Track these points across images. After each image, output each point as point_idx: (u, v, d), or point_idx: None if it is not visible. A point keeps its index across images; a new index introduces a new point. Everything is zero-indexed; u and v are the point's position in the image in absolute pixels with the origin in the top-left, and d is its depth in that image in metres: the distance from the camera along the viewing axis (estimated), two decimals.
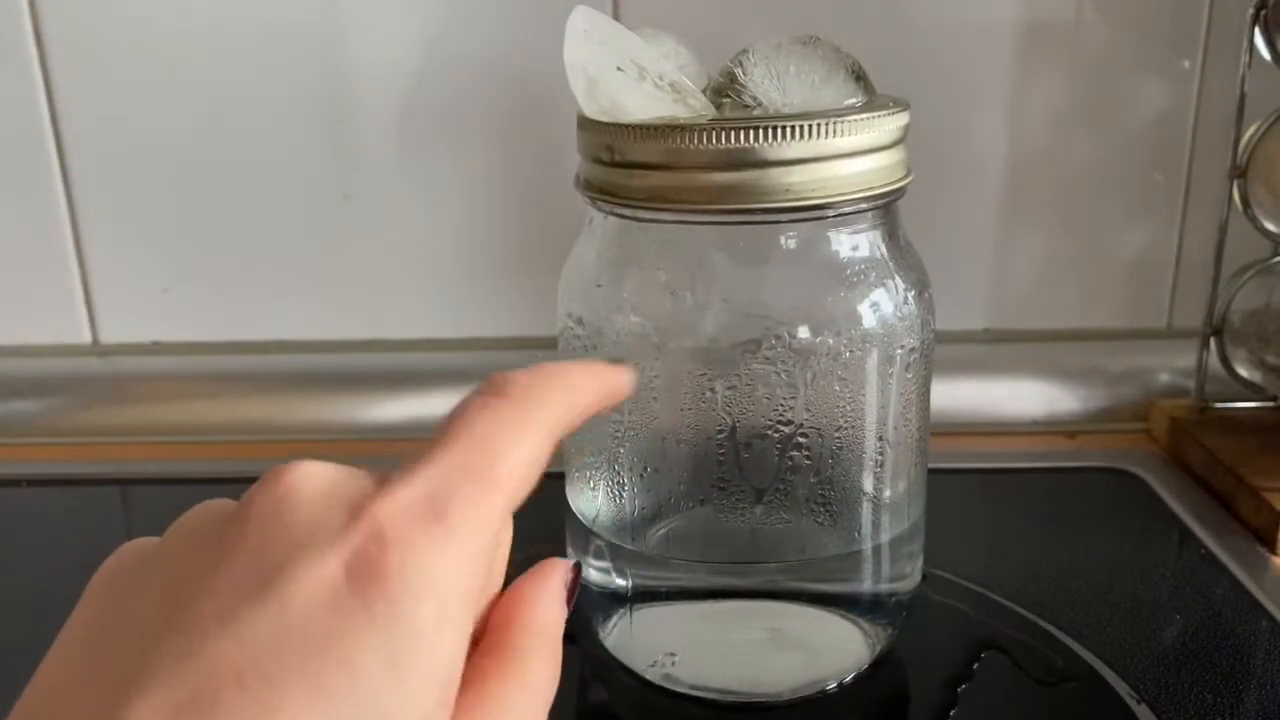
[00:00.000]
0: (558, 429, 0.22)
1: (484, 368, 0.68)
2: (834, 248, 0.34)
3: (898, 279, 0.35)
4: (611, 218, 0.35)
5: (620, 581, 0.37)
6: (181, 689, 0.17)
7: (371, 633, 0.18)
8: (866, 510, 0.37)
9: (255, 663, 0.18)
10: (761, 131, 0.31)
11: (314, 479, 0.20)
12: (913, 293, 0.35)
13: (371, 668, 0.18)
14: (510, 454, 0.21)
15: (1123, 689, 0.38)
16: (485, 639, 0.21)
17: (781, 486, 0.36)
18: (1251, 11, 0.50)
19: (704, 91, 0.33)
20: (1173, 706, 0.37)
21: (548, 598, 0.23)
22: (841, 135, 0.32)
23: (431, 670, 0.19)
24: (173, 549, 0.21)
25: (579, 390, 0.24)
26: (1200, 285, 0.55)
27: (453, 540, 0.19)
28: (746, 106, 0.33)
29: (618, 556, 0.37)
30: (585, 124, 0.34)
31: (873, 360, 0.34)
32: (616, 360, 0.27)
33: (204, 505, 0.22)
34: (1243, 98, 0.51)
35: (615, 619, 0.38)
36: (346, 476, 0.21)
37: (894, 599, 0.38)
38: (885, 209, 0.35)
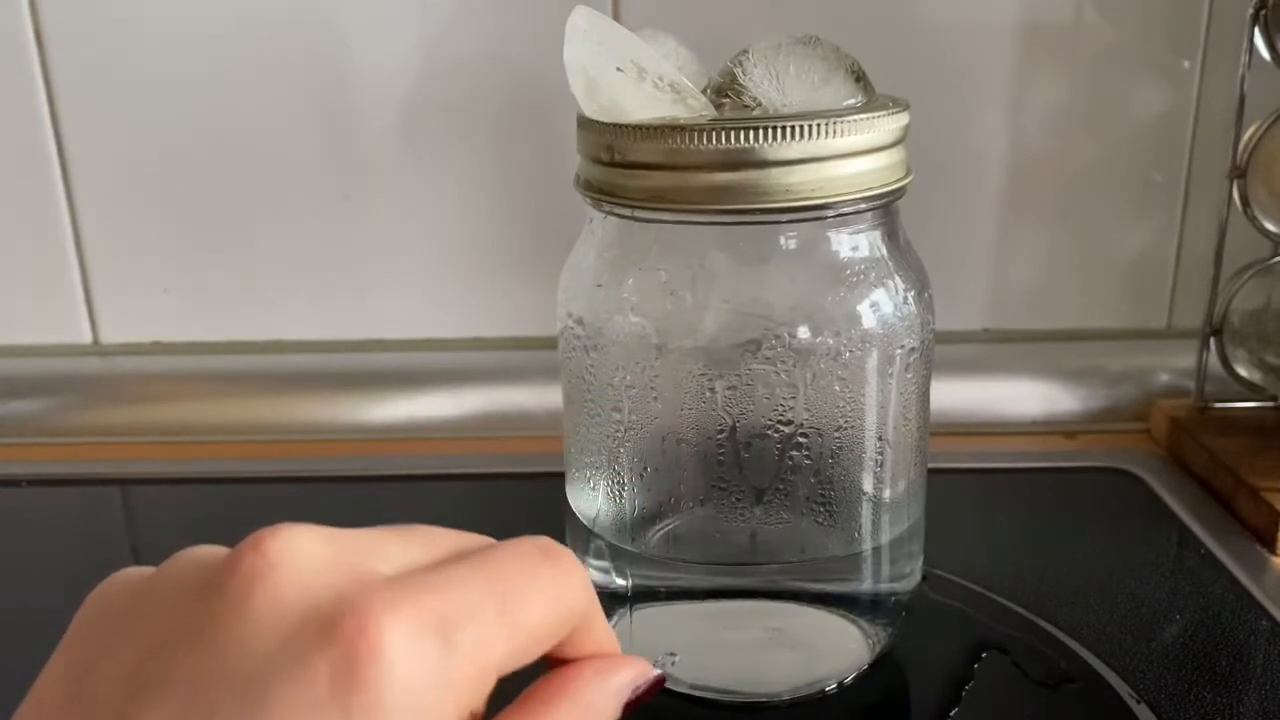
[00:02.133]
0: (586, 611, 0.22)
1: (484, 368, 0.68)
2: (834, 248, 0.34)
3: (897, 279, 0.35)
4: (611, 218, 0.35)
5: (620, 581, 0.37)
6: None
7: None
8: (866, 510, 0.37)
9: None
10: (761, 131, 0.31)
11: (303, 556, 0.19)
12: (912, 293, 0.35)
13: None
14: (533, 609, 0.20)
15: (1123, 689, 0.38)
16: (520, 707, 0.21)
17: (781, 486, 0.36)
18: (1251, 11, 0.50)
19: (704, 91, 0.33)
20: (1173, 706, 0.37)
21: (609, 689, 0.22)
22: (841, 135, 0.32)
23: None
24: (159, 599, 0.20)
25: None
26: (1200, 285, 0.55)
27: (450, 664, 0.18)
28: (746, 107, 0.33)
29: (618, 556, 0.37)
30: (585, 124, 0.34)
31: (872, 360, 0.34)
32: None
33: (193, 553, 0.21)
34: (1243, 98, 0.51)
35: (615, 619, 0.38)
36: (337, 554, 0.20)
37: (894, 599, 0.38)
38: (885, 209, 0.35)
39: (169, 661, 0.18)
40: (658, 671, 0.23)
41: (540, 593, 0.21)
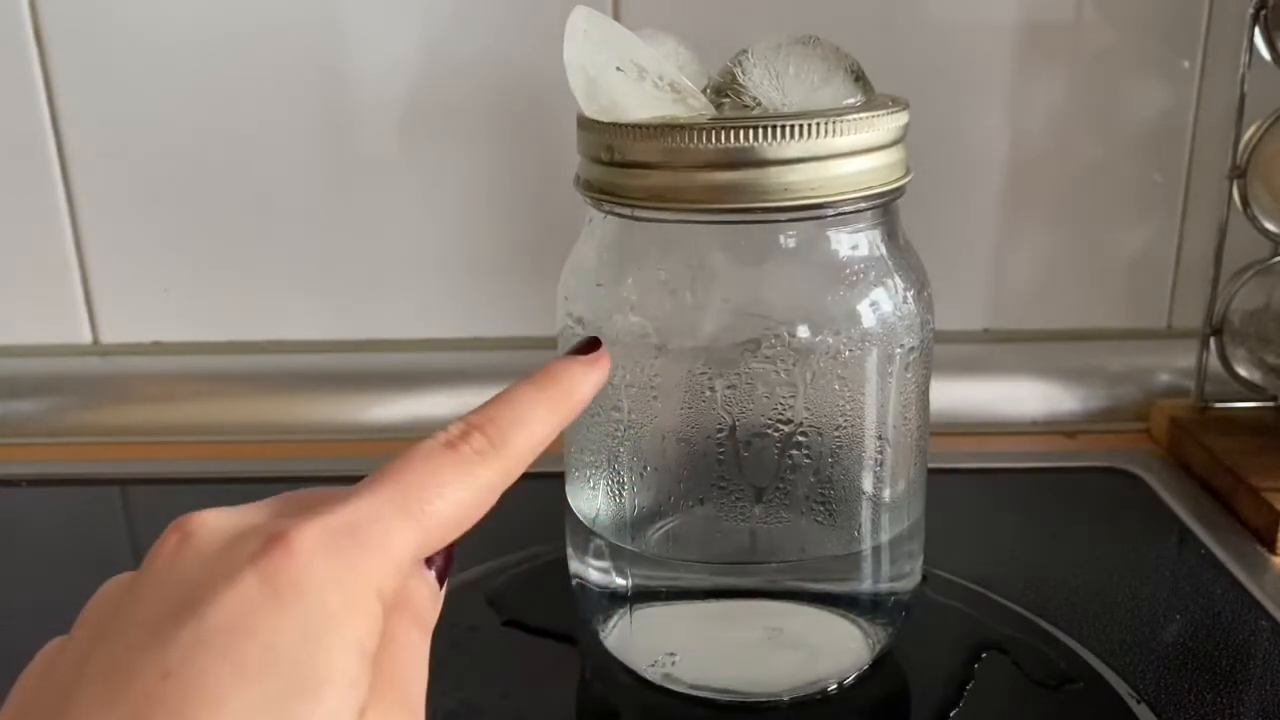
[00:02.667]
0: (505, 482, 0.24)
1: (484, 368, 0.68)
2: (833, 247, 0.34)
3: (897, 278, 0.35)
4: (611, 217, 0.35)
5: (620, 581, 0.37)
6: (110, 696, 0.19)
7: (283, 617, 0.19)
8: (866, 510, 0.37)
9: (180, 661, 0.19)
10: (761, 131, 0.31)
11: (217, 520, 0.22)
12: (912, 292, 0.35)
13: (289, 644, 0.19)
14: (438, 502, 0.23)
15: (1123, 689, 0.38)
16: None
17: (781, 486, 0.36)
18: (1251, 11, 0.50)
19: (704, 91, 0.33)
20: (1173, 706, 0.37)
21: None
22: (840, 135, 0.32)
23: (346, 643, 0.20)
24: (87, 618, 0.22)
25: (540, 432, 0.26)
26: (1200, 285, 0.55)
27: (362, 554, 0.21)
28: (746, 106, 0.33)
29: (618, 556, 0.37)
30: (585, 124, 0.34)
31: (872, 360, 0.34)
32: (589, 346, 0.29)
33: (107, 583, 0.23)
34: (1243, 98, 0.51)
35: (615, 619, 0.38)
36: (252, 514, 0.22)
37: (894, 599, 0.38)
38: (885, 208, 0.35)
39: (110, 634, 0.20)
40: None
41: (445, 485, 0.23)
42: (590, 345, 0.30)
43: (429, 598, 0.24)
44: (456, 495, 0.23)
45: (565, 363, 0.28)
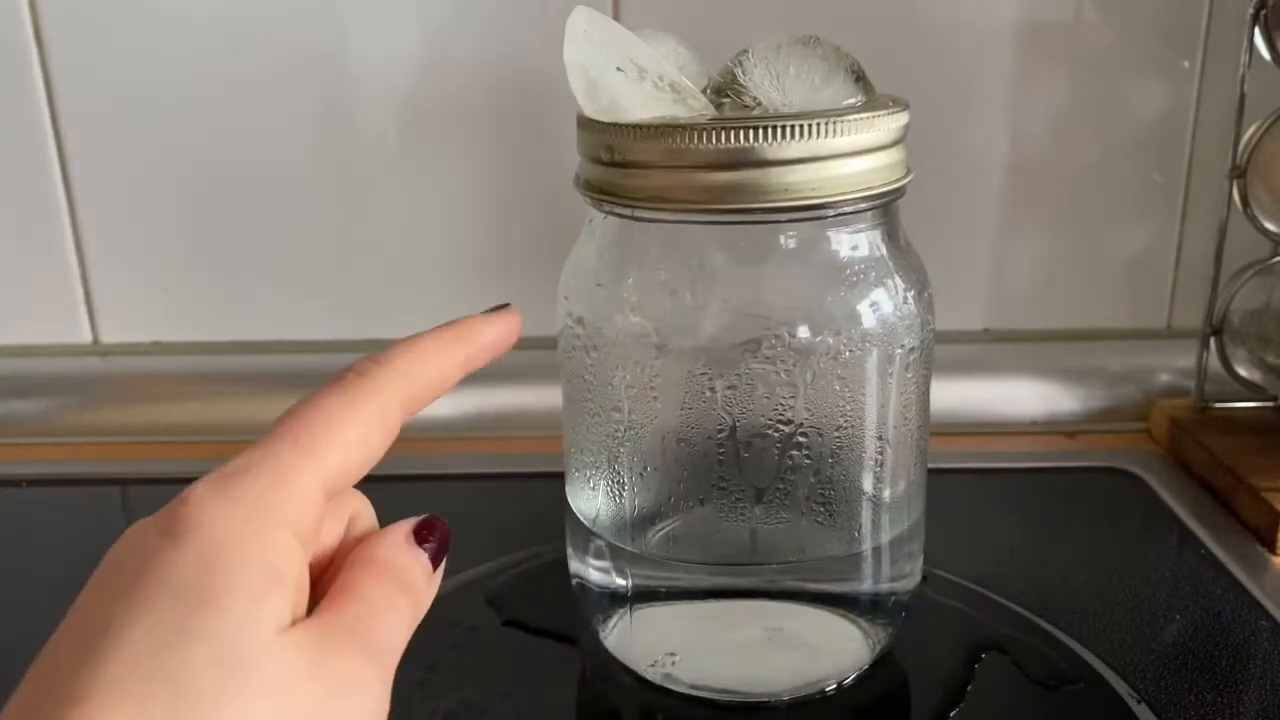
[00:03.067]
0: (392, 408, 0.25)
1: (484, 368, 0.68)
2: (834, 247, 0.34)
3: (897, 279, 0.35)
4: (611, 218, 0.35)
5: (620, 581, 0.37)
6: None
7: (178, 551, 0.21)
8: (866, 510, 0.37)
9: (87, 612, 0.20)
10: (761, 131, 0.31)
11: (144, 520, 0.23)
12: (912, 292, 0.35)
13: (187, 573, 0.20)
14: (329, 428, 0.23)
15: (1123, 689, 0.38)
16: (329, 595, 0.23)
17: (781, 486, 0.36)
18: (1251, 11, 0.50)
19: (704, 91, 0.33)
20: (1173, 706, 0.37)
21: (393, 540, 0.25)
22: (841, 135, 0.32)
23: (246, 560, 0.21)
24: None
25: (424, 367, 0.27)
26: (1200, 285, 0.55)
27: (252, 487, 0.22)
28: (746, 106, 0.33)
29: (618, 556, 0.37)
30: (585, 124, 0.34)
31: (872, 360, 0.34)
32: (499, 309, 0.31)
33: None
34: (1243, 98, 0.51)
35: (615, 619, 0.38)
36: None
37: (894, 599, 0.38)
38: (885, 209, 0.35)
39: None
40: (423, 516, 0.26)
41: (331, 414, 0.24)
42: (498, 307, 0.32)
43: (422, 576, 0.24)
44: (346, 419, 0.24)
45: (467, 317, 0.30)
